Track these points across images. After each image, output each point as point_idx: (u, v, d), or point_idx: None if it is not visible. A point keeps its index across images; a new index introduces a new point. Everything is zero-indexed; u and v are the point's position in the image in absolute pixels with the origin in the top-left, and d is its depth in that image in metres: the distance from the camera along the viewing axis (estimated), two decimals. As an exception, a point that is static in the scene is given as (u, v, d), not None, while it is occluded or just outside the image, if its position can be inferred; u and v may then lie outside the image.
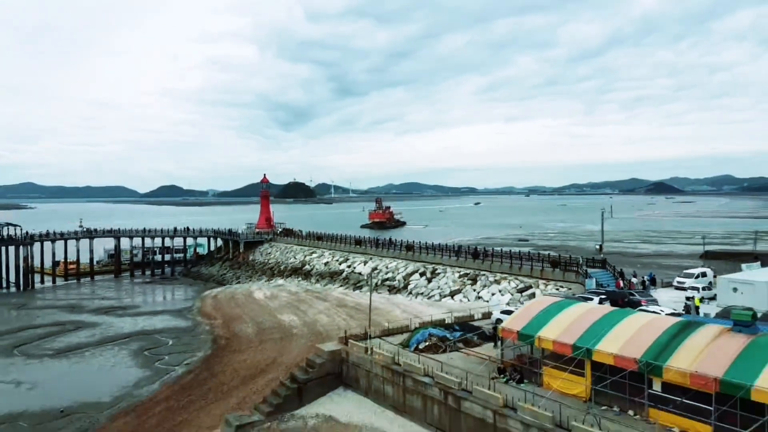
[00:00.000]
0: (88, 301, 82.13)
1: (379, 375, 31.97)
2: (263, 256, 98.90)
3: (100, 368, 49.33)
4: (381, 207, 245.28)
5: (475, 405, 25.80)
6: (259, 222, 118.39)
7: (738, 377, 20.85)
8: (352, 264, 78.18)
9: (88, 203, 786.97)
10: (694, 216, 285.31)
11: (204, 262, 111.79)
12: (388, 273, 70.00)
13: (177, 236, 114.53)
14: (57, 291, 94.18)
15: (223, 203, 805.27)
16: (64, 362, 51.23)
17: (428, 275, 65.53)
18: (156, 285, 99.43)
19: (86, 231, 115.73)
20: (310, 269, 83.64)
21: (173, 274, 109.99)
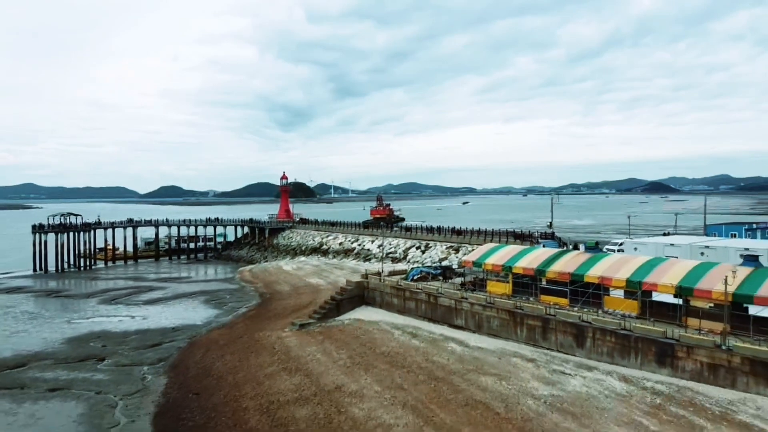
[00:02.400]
0: (147, 275, 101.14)
1: (388, 293, 51.12)
2: (286, 240, 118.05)
3: (185, 309, 68.34)
4: (382, 204, 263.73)
5: (445, 299, 44.93)
6: (279, 214, 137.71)
7: (579, 271, 39.91)
8: (362, 243, 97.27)
9: (91, 203, 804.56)
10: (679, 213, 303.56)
11: (233, 247, 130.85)
12: (391, 248, 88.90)
13: (209, 225, 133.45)
14: (114, 270, 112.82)
15: (224, 203, 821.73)
16: (157, 307, 70.23)
17: (422, 248, 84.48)
18: (195, 264, 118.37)
19: (129, 220, 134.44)
20: (327, 248, 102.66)
21: (206, 258, 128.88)
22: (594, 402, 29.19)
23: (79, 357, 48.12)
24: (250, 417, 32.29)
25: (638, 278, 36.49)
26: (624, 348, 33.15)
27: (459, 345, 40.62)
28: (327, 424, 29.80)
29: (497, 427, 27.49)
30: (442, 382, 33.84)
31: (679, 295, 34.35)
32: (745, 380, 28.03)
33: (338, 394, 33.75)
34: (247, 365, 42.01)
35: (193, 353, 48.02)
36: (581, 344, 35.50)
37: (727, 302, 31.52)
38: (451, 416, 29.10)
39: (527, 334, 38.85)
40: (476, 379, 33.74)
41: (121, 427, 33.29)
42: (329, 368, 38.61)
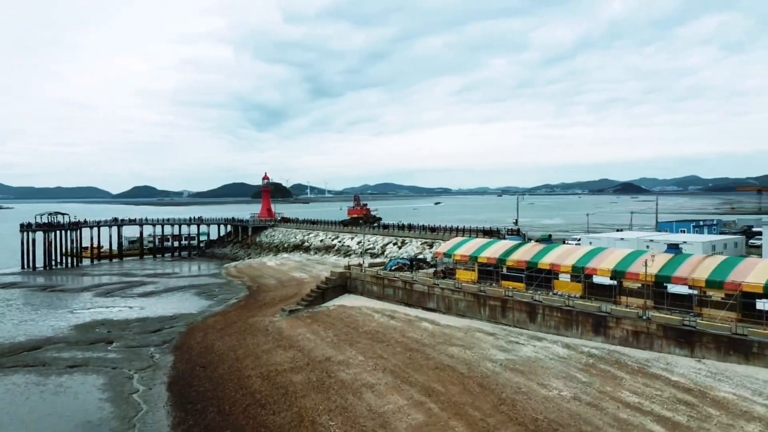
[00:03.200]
0: (135, 271, 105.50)
1: (369, 282, 57.11)
2: (268, 237, 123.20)
3: (179, 301, 73.44)
4: (359, 204, 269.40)
5: (419, 285, 51.12)
6: (261, 213, 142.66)
7: (534, 259, 46.41)
8: (342, 240, 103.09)
9: (62, 203, 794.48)
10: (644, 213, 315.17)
11: (216, 245, 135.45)
12: (370, 245, 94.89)
13: (192, 224, 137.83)
14: (101, 267, 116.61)
15: (198, 203, 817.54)
16: (152, 299, 75.15)
17: (399, 244, 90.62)
18: (180, 262, 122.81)
19: (114, 219, 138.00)
20: (309, 245, 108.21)
21: (190, 255, 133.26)
22: (540, 363, 35.59)
23: (89, 341, 53.16)
24: (254, 382, 38.03)
25: (582, 264, 43.14)
26: (567, 321, 39.69)
27: (431, 324, 46.83)
28: (320, 386, 35.65)
29: (461, 383, 33.67)
30: (416, 352, 39.98)
31: (614, 278, 41.04)
32: (659, 343, 34.70)
33: (328, 363, 39.64)
34: (245, 344, 47.64)
35: (193, 336, 53.43)
36: (533, 320, 41.98)
37: (651, 282, 38.24)
38: (424, 376, 35.21)
39: (489, 313, 45.24)
40: (445, 350, 39.95)
41: (141, 393, 38.69)
42: (318, 344, 44.47)
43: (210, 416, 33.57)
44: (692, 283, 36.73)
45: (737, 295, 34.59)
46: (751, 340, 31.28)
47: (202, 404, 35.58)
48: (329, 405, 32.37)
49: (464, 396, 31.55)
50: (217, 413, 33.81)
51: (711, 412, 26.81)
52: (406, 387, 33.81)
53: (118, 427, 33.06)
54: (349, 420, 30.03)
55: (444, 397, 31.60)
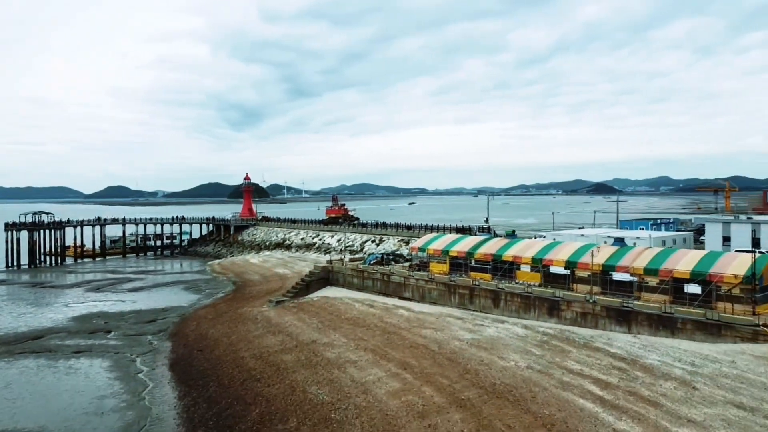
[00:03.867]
0: (121, 269, 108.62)
1: (350, 275, 61.93)
2: (250, 236, 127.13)
3: (168, 295, 77.32)
4: (337, 204, 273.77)
5: (396, 277, 56.11)
6: (243, 212, 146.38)
7: (498, 252, 51.71)
8: (323, 238, 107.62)
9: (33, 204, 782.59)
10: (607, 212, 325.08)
11: (198, 243, 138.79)
12: (350, 242, 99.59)
13: (175, 223, 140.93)
14: (86, 265, 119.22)
15: (174, 203, 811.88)
16: (142, 293, 78.86)
17: (377, 242, 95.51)
18: (163, 260, 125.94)
19: (97, 219, 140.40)
20: (290, 243, 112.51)
21: (173, 254, 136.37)
22: (501, 341, 40.80)
23: (89, 330, 57.03)
24: (248, 362, 42.56)
25: (540, 256, 48.54)
26: (526, 306, 45.01)
27: (406, 311, 51.80)
28: (308, 363, 40.34)
29: (432, 358, 38.67)
30: (393, 334, 44.91)
31: (568, 268, 46.47)
32: (603, 322, 40.16)
33: (314, 345, 44.33)
34: (237, 331, 52.08)
35: (187, 325, 57.65)
36: (497, 305, 47.24)
37: (598, 271, 43.77)
38: (400, 354, 40.14)
39: (459, 300, 50.40)
40: (419, 332, 44.95)
41: (146, 373, 42.94)
42: (305, 330, 49.13)
43: (211, 389, 38.06)
44: (633, 271, 42.30)
45: (669, 281, 40.21)
46: (677, 317, 36.86)
47: (203, 380, 40.02)
48: (317, 378, 37.09)
49: (435, 368, 36.54)
50: (218, 387, 38.32)
51: (638, 374, 32.21)
52: (384, 362, 38.69)
53: (130, 399, 37.36)
54: (335, 389, 34.80)
55: (417, 369, 36.55)
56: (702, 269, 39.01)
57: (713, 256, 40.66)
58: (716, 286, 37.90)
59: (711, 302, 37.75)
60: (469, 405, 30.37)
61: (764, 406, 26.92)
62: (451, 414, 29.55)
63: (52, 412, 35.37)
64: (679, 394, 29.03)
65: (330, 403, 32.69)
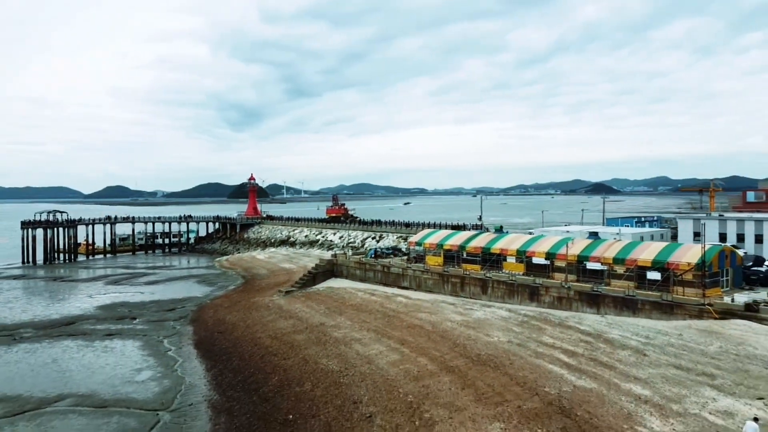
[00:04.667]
0: (134, 265, 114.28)
1: (352, 267, 67.63)
2: (255, 234, 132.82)
3: (183, 287, 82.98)
4: (337, 203, 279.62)
5: (395, 268, 61.85)
6: (248, 211, 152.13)
7: (487, 246, 57.47)
8: (325, 235, 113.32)
9: (33, 204, 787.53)
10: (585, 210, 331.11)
11: (205, 241, 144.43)
12: (351, 239, 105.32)
13: (182, 222, 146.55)
14: (98, 262, 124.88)
15: (173, 203, 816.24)
16: (158, 286, 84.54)
17: (377, 239, 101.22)
18: (172, 257, 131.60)
19: (108, 217, 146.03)
20: (294, 240, 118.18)
21: (180, 251, 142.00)
22: (487, 321, 46.51)
23: (115, 317, 62.72)
24: (264, 341, 48.26)
25: (524, 249, 54.26)
26: (510, 292, 50.75)
27: (404, 298, 57.52)
28: (318, 341, 46.03)
29: (427, 335, 44.35)
30: (393, 317, 50.61)
31: (548, 259, 52.19)
32: (576, 304, 45.88)
33: (322, 327, 50.02)
34: (252, 317, 57.78)
35: (205, 312, 63.36)
36: (485, 292, 52.97)
37: (573, 261, 49.51)
38: (398, 332, 45.83)
39: (451, 288, 56.12)
40: (415, 315, 50.66)
41: (174, 351, 48.64)
42: (313, 315, 54.83)
43: (234, 362, 43.78)
44: (603, 261, 48.01)
45: (634, 269, 45.93)
46: (638, 299, 42.60)
47: (226, 356, 45.75)
48: (327, 352, 42.79)
49: (429, 343, 42.25)
50: (240, 360, 44.05)
51: (600, 345, 37.94)
52: (385, 339, 44.40)
53: (164, 371, 43.07)
54: (343, 360, 40.49)
55: (413, 345, 42.25)
56: (661, 258, 44.74)
57: (672, 247, 46.40)
58: (673, 273, 43.60)
59: (669, 286, 43.46)
60: (457, 370, 36.05)
61: (698, 366, 32.62)
62: (442, 377, 35.23)
63: (98, 381, 41.04)
64: (632, 360, 34.74)
65: (339, 371, 38.38)
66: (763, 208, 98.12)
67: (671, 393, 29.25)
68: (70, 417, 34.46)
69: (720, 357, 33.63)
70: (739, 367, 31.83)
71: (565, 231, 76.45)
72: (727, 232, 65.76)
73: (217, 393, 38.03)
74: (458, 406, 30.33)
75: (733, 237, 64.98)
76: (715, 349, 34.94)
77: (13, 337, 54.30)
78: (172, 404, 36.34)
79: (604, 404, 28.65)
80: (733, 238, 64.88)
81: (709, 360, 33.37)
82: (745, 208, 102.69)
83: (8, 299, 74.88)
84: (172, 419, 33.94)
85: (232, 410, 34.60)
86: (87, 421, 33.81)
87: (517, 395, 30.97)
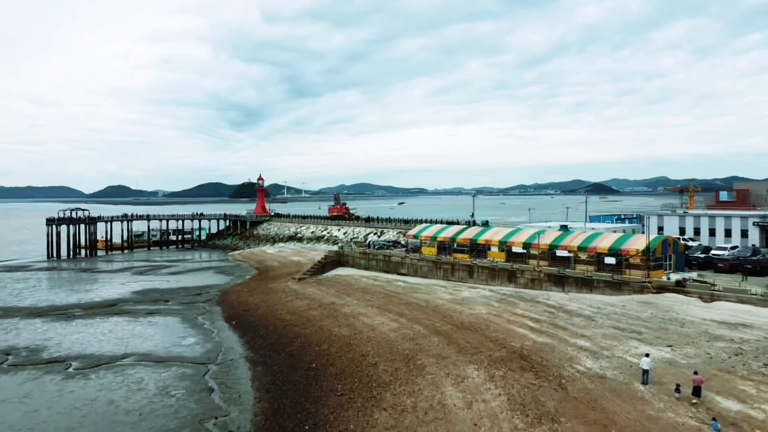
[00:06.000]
0: (153, 258, 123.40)
1: (357, 257, 76.83)
2: (265, 230, 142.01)
3: (204, 277, 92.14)
4: (339, 203, 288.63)
5: (395, 257, 71.10)
6: (257, 209, 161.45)
7: (475, 237, 66.71)
8: (330, 231, 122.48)
9: (35, 203, 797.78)
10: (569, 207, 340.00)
11: (216, 237, 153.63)
12: (355, 234, 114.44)
13: (195, 219, 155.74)
14: (117, 256, 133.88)
15: (174, 203, 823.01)
16: (181, 276, 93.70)
17: (379, 234, 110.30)
18: (186, 252, 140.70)
19: (124, 215, 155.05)
20: (302, 236, 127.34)
21: (193, 247, 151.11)
22: (471, 299, 55.66)
23: (150, 300, 71.85)
24: (285, 316, 57.41)
25: (505, 240, 63.41)
26: (492, 275, 59.88)
27: (403, 282, 66.68)
28: (330, 315, 55.14)
29: (421, 310, 53.48)
30: (393, 297, 59.78)
31: (525, 248, 61.33)
32: (546, 285, 55.02)
33: (333, 305, 59.16)
34: (271, 299, 66.92)
35: (229, 296, 72.50)
36: (471, 276, 62.12)
37: (546, 249, 58.66)
38: (397, 308, 54.96)
39: (443, 274, 65.27)
40: (412, 294, 59.83)
41: (209, 325, 57.71)
42: (325, 296, 63.98)
43: (261, 332, 52.93)
44: (570, 249, 57.19)
45: (594, 255, 55.09)
46: (594, 279, 51.77)
47: (254, 328, 54.90)
48: (338, 323, 51.92)
49: (422, 315, 51.41)
50: (266, 330, 53.19)
51: (560, 314, 47.09)
52: (386, 313, 53.56)
53: (204, 338, 52.22)
54: (352, 328, 49.62)
55: (410, 316, 51.40)
56: (616, 246, 53.93)
57: (625, 237, 55.60)
58: (624, 258, 52.77)
59: (621, 269, 52.62)
60: (444, 333, 45.18)
61: (631, 327, 41.76)
62: (432, 338, 44.34)
63: (152, 345, 50.15)
64: (582, 324, 43.90)
65: (349, 336, 47.52)
66: (732, 207, 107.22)
67: (606, 344, 38.42)
68: (138, 368, 43.61)
69: (649, 320, 42.86)
70: (662, 326, 41.05)
71: (548, 226, 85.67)
72: (685, 227, 74.96)
73: (251, 352, 47.21)
74: (443, 356, 39.47)
75: (690, 231, 74.17)
76: (647, 314, 44.17)
77: (67, 315, 63.43)
78: (216, 359, 45.53)
79: (554, 352, 37.81)
80: (690, 231, 74.07)
81: (641, 322, 42.59)
82: (717, 206, 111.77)
83: (51, 286, 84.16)
84: (220, 369, 43.11)
85: (266, 362, 43.79)
86: (153, 370, 42.96)
87: (489, 348, 40.13)
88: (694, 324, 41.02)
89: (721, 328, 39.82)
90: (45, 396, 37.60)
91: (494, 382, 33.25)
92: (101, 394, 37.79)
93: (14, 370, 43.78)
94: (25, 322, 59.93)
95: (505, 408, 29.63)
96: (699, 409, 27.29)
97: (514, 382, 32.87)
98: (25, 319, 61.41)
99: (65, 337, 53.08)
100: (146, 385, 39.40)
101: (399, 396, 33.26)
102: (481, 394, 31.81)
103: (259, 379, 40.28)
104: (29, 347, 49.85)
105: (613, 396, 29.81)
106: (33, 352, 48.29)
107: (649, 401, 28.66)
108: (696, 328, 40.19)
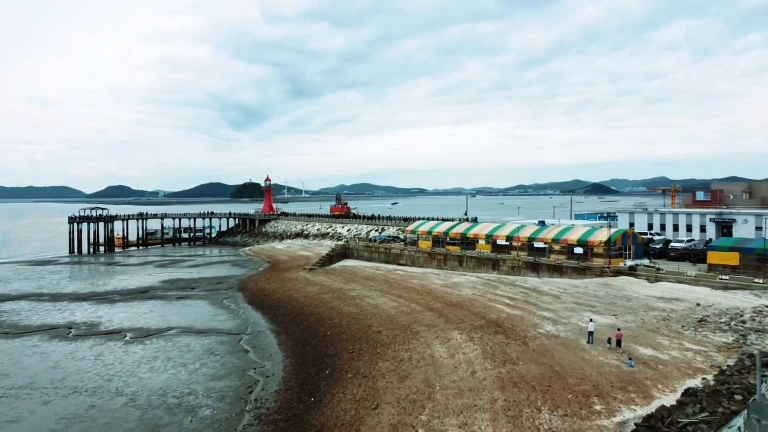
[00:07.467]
0: (170, 254, 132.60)
1: (362, 250, 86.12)
2: (272, 228, 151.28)
3: (220, 269, 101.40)
4: (340, 203, 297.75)
5: (395, 250, 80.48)
6: (264, 208, 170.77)
7: (466, 231, 76.01)
8: (335, 228, 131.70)
9: (37, 203, 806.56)
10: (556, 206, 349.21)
11: (226, 235, 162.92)
12: (358, 231, 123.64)
13: (206, 218, 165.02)
14: (134, 252, 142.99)
15: (175, 203, 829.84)
16: (200, 268, 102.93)
17: (380, 231, 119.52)
18: (198, 248, 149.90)
19: (140, 214, 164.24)
20: (308, 233, 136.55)
21: (204, 244, 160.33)
22: (460, 283, 64.85)
23: (179, 287, 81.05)
24: (299, 299, 66.65)
25: (491, 233, 72.67)
26: (479, 264, 69.12)
27: (402, 271, 75.89)
28: (339, 298, 64.35)
29: (417, 292, 62.67)
30: (393, 283, 69.01)
31: (508, 240, 70.56)
32: (524, 271, 64.27)
33: (341, 290, 68.37)
34: (285, 286, 76.15)
35: (247, 284, 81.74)
36: (461, 265, 71.36)
37: (525, 241, 67.91)
38: (397, 291, 64.17)
39: (437, 263, 74.52)
40: (409, 281, 69.06)
41: (235, 306, 66.91)
42: (333, 283, 73.21)
43: (280, 311, 62.18)
44: (545, 241, 66.41)
45: (566, 246, 64.30)
46: (564, 265, 61.00)
47: (273, 308, 64.14)
48: (347, 304, 61.14)
49: (418, 296, 60.63)
50: (284, 310, 62.44)
51: (533, 294, 56.28)
52: (387, 295, 62.79)
53: (232, 316, 61.44)
54: (359, 307, 58.83)
55: (407, 297, 60.63)
56: (584, 238, 63.18)
57: (591, 231, 64.87)
58: (590, 248, 62.01)
59: (588, 257, 61.84)
60: (436, 310, 54.37)
61: (589, 302, 50.91)
62: (425, 313, 53.55)
63: (191, 320, 59.35)
64: (549, 301, 53.11)
65: (356, 313, 56.75)
66: (708, 206, 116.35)
67: (565, 314, 47.65)
68: (183, 337, 52.84)
69: (604, 297, 52.14)
70: (612, 302, 50.32)
71: (533, 223, 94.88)
72: (653, 223, 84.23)
73: (274, 325, 56.48)
74: (434, 325, 48.71)
75: (657, 226, 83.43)
76: (603, 293, 53.46)
77: (108, 299, 72.65)
78: (246, 330, 54.81)
79: (522, 321, 47.04)
80: (657, 227, 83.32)
81: (597, 299, 51.87)
82: (693, 205, 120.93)
83: (84, 277, 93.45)
84: (250, 337, 52.36)
85: (288, 332, 53.05)
86: (195, 338, 52.20)
87: (471, 319, 49.34)
88: (638, 299, 50.28)
89: (658, 302, 49.08)
90: (114, 355, 46.84)
91: (473, 342, 42.45)
92: (159, 353, 47.08)
93: (80, 338, 53.02)
94: (74, 304, 69.19)
95: (479, 357, 38.84)
96: (622, 354, 36.52)
97: (488, 341, 42.07)
98: (73, 302, 70.64)
99: (114, 315, 62.37)
100: (193, 348, 48.66)
101: (398, 352, 42.49)
102: (462, 349, 41.02)
103: (284, 343, 49.56)
104: (86, 323, 59.13)
105: (562, 348, 39.02)
106: (91, 327, 57.56)
107: (588, 351, 37.88)
108: (639, 302, 49.44)
